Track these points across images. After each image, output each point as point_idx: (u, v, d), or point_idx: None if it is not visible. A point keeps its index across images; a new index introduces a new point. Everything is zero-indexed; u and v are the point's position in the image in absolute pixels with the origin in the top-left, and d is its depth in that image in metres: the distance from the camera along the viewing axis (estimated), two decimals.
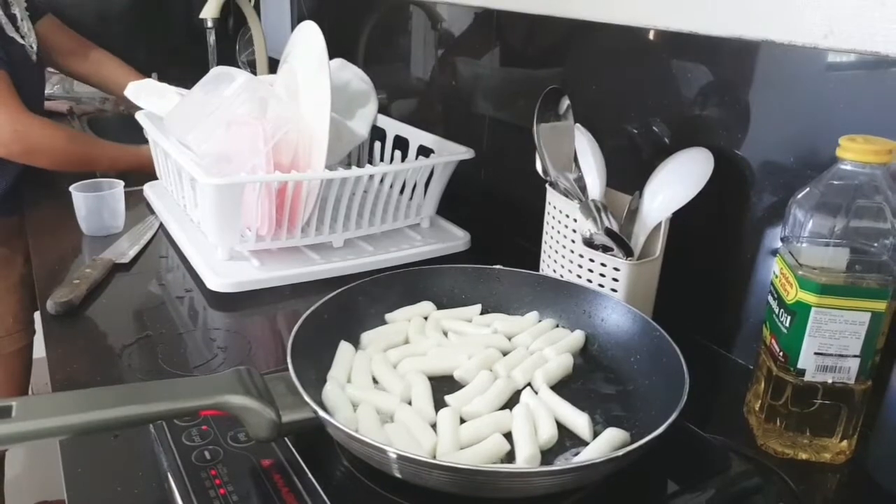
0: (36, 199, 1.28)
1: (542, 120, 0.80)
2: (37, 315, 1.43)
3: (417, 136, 1.15)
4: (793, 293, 0.60)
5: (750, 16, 0.75)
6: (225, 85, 1.00)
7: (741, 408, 0.70)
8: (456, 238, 1.08)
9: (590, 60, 0.97)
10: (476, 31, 1.19)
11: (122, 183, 1.11)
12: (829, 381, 0.61)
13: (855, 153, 0.57)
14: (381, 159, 1.21)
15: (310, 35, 0.97)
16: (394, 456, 0.51)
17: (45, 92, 1.84)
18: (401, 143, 1.17)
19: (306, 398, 0.55)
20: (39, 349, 1.35)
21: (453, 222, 1.12)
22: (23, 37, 1.32)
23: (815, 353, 0.60)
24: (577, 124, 0.83)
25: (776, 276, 0.64)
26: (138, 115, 1.16)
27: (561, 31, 1.01)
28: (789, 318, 0.61)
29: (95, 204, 1.07)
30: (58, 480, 0.58)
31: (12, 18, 1.30)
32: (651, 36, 0.86)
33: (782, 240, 0.63)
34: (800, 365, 0.61)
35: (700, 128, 0.82)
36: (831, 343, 0.60)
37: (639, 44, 0.88)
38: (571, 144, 0.82)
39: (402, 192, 1.06)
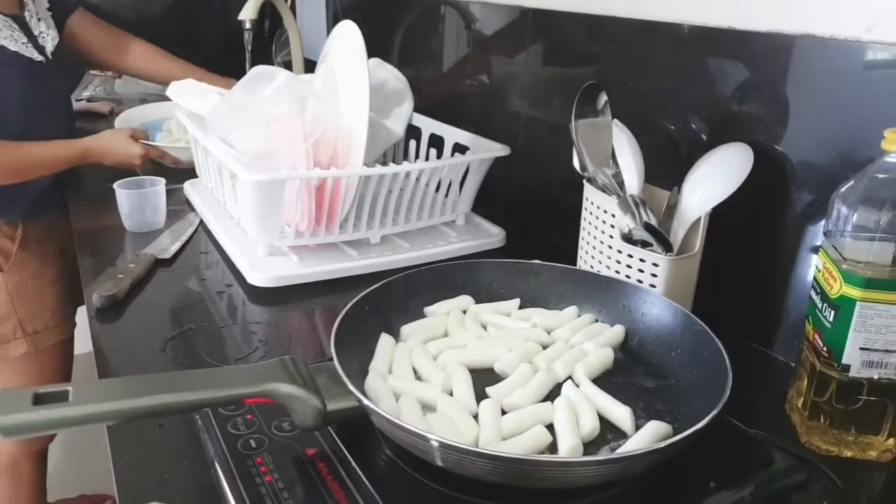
0: (79, 196, 1.31)
1: (579, 116, 0.80)
2: (80, 310, 1.46)
3: (453, 134, 1.15)
4: (837, 287, 0.60)
5: (789, 10, 0.74)
6: (265, 84, 1.01)
7: (783, 405, 0.69)
8: (491, 235, 1.08)
9: (626, 57, 0.96)
10: (510, 29, 1.19)
11: (163, 180, 1.13)
12: (875, 377, 0.60)
13: None
14: (417, 157, 1.22)
15: (349, 34, 0.98)
16: (437, 444, 0.51)
17: (86, 94, 1.88)
18: (436, 142, 1.18)
19: (350, 387, 0.56)
20: (80, 345, 1.38)
21: (488, 219, 1.12)
22: (35, 37, 1.29)
23: (861, 349, 0.60)
24: (615, 120, 0.83)
25: (819, 271, 0.63)
26: (179, 115, 1.18)
27: (596, 28, 1.00)
28: (833, 312, 0.60)
29: (138, 201, 1.10)
30: (94, 475, 0.60)
31: (18, 20, 1.26)
32: (687, 31, 0.86)
33: (825, 234, 0.63)
34: (844, 360, 0.60)
35: (738, 124, 0.81)
36: (877, 338, 0.59)
37: (675, 39, 0.87)
38: (609, 140, 0.82)
39: (437, 189, 1.07)
